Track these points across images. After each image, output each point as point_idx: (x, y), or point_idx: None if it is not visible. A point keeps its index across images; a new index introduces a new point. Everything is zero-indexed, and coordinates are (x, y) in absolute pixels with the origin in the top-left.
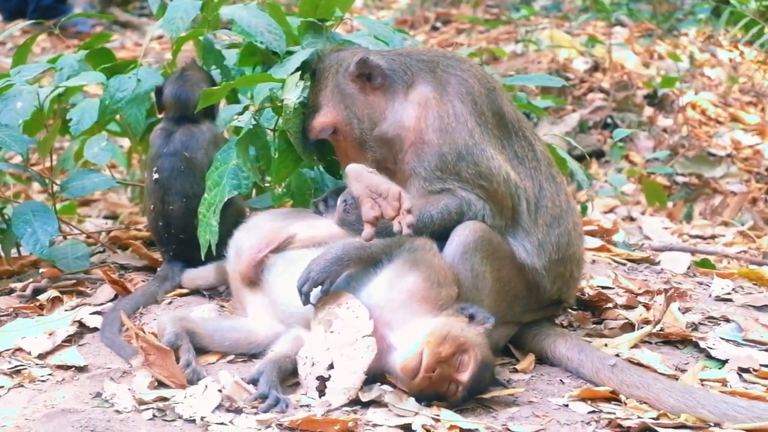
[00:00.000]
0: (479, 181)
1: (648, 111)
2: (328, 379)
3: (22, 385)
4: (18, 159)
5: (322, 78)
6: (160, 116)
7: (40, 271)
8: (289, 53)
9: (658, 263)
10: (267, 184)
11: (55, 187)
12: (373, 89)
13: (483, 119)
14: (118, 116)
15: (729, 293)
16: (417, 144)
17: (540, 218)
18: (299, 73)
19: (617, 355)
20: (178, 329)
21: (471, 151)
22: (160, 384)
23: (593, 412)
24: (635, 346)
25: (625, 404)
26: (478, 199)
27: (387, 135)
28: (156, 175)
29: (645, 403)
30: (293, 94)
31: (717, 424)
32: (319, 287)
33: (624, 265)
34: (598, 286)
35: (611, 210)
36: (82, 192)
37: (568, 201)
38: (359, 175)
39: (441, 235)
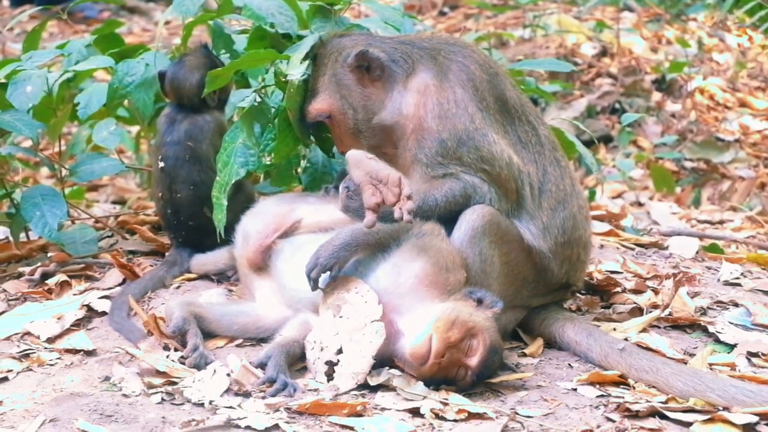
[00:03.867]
0: (482, 165)
1: (656, 96)
2: (336, 363)
3: (31, 369)
4: (27, 143)
5: (322, 64)
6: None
7: (49, 255)
8: (300, 36)
9: (667, 248)
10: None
11: (64, 172)
12: (372, 80)
13: (485, 104)
14: (126, 101)
15: (737, 278)
16: (417, 131)
17: (544, 202)
18: (305, 50)
19: (626, 340)
20: (185, 314)
21: (472, 136)
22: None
23: (602, 396)
24: (644, 330)
25: (634, 388)
26: (482, 182)
27: (385, 123)
28: (162, 164)
29: (654, 387)
30: (297, 70)
31: (726, 408)
32: (328, 273)
33: (632, 249)
34: (607, 271)
35: (619, 195)
36: (91, 176)
37: (573, 184)
38: (359, 162)
39: (450, 220)
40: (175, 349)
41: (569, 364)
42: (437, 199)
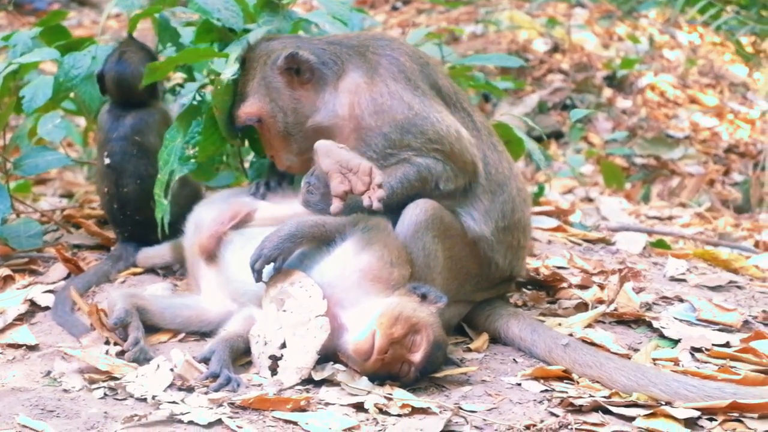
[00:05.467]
0: (432, 145)
1: (607, 92)
2: (280, 358)
3: None
4: None
5: (251, 68)
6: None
7: None
8: (246, 31)
9: (614, 244)
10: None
11: (9, 165)
12: (302, 83)
13: (420, 91)
14: (72, 94)
15: (683, 273)
16: (358, 130)
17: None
18: (241, 48)
19: (571, 335)
20: (128, 306)
21: (413, 122)
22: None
23: (546, 390)
24: (589, 325)
25: (578, 383)
26: (435, 161)
27: (322, 125)
28: (108, 160)
29: (597, 382)
30: (228, 70)
31: (668, 403)
32: (272, 264)
33: (580, 245)
34: (553, 266)
35: (569, 191)
36: (36, 170)
37: (511, 168)
38: (329, 151)
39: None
40: (115, 344)
41: (514, 359)
42: (393, 186)
